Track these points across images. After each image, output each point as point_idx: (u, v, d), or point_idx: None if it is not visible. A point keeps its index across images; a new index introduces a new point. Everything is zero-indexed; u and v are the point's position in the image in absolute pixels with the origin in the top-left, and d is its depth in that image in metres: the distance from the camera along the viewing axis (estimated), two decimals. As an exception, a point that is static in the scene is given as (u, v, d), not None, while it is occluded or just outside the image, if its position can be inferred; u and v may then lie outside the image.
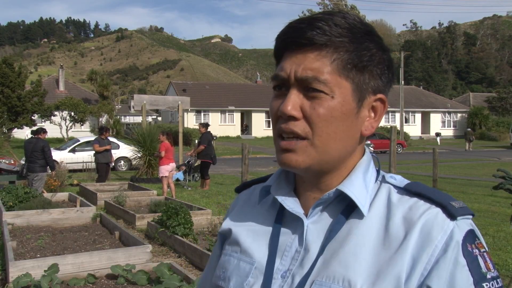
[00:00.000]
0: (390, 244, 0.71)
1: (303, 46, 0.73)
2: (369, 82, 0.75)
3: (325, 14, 0.74)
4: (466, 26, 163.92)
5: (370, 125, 0.77)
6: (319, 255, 0.74)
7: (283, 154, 0.75)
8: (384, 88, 0.78)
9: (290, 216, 0.80)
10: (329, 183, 0.78)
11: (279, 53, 0.78)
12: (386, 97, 0.78)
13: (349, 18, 0.74)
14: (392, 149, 10.17)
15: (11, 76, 27.33)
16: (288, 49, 0.76)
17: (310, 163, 0.74)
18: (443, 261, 0.67)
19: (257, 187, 0.91)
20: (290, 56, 0.75)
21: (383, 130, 31.23)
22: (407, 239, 0.70)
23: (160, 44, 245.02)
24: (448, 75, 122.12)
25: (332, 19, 0.73)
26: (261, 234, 0.81)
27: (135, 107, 44.52)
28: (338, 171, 0.78)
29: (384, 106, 0.78)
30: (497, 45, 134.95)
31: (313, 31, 0.72)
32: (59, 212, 7.43)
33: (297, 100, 0.73)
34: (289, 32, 0.75)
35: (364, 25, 0.75)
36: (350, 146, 0.76)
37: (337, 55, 0.72)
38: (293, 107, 0.72)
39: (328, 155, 0.74)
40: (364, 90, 0.75)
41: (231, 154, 24.70)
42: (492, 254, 5.69)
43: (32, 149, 9.15)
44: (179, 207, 6.26)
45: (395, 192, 0.77)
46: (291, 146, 0.74)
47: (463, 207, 0.72)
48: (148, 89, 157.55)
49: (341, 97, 0.72)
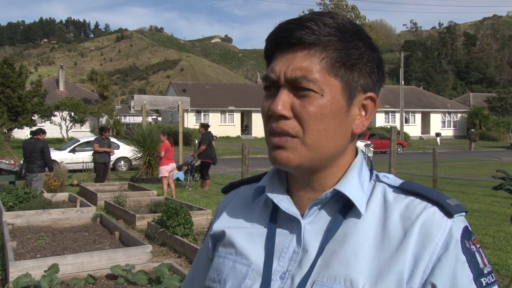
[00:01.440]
0: (389, 242, 0.72)
1: (292, 45, 0.74)
2: (359, 80, 0.76)
3: (314, 15, 0.75)
4: (466, 26, 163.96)
5: (361, 123, 0.78)
6: (318, 255, 0.74)
7: (275, 151, 0.75)
8: (374, 86, 0.78)
9: (285, 216, 0.79)
10: (322, 182, 0.79)
11: (269, 53, 0.79)
12: (376, 96, 0.78)
13: (337, 18, 0.75)
14: (392, 149, 10.17)
15: (12, 76, 27.34)
16: (278, 49, 0.76)
17: (301, 161, 0.75)
18: (445, 258, 0.69)
19: (247, 188, 0.91)
20: (280, 57, 0.75)
21: (383, 130, 31.26)
22: (406, 237, 0.71)
23: (160, 44, 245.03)
24: (448, 75, 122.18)
25: (321, 19, 0.74)
26: (256, 235, 0.81)
27: (135, 107, 44.47)
28: (331, 170, 0.78)
29: (374, 104, 0.78)
30: (497, 45, 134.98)
31: (302, 30, 0.73)
32: (59, 212, 7.43)
33: (287, 99, 0.73)
34: (278, 32, 0.76)
35: (352, 25, 0.76)
36: (342, 144, 0.77)
37: (326, 54, 0.73)
38: (283, 107, 0.73)
39: (319, 152, 0.75)
40: (354, 88, 0.75)
41: (231, 154, 24.70)
42: (492, 254, 5.69)
43: (31, 149, 9.16)
44: (179, 207, 6.26)
45: (390, 191, 0.77)
46: (282, 143, 0.74)
47: (458, 204, 0.74)
48: (148, 89, 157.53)
49: (330, 95, 0.73)
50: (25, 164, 9.32)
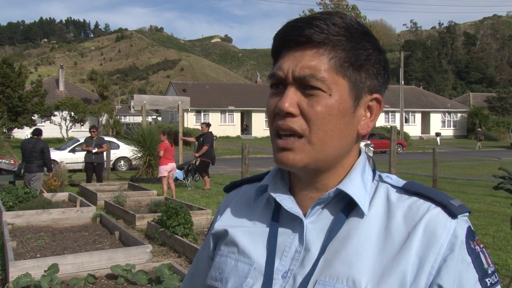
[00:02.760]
0: (393, 242, 0.71)
1: (301, 44, 0.74)
2: (366, 81, 0.76)
3: (323, 14, 0.75)
4: (466, 26, 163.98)
5: (366, 124, 0.78)
6: (320, 254, 0.74)
7: (280, 153, 0.75)
8: (380, 88, 0.78)
9: (287, 215, 0.79)
10: (325, 182, 0.78)
11: (277, 51, 0.79)
12: (382, 97, 0.78)
13: (346, 18, 0.75)
14: (392, 149, 10.17)
15: (12, 76, 27.33)
16: (286, 47, 0.76)
17: (307, 162, 0.74)
18: (451, 259, 0.69)
19: (249, 187, 0.91)
20: (288, 55, 0.75)
21: (383, 130, 31.25)
22: (410, 238, 0.71)
23: (160, 44, 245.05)
24: (448, 75, 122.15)
25: (330, 18, 0.74)
26: (258, 234, 0.81)
27: (135, 107, 44.42)
28: (335, 170, 0.78)
29: (380, 106, 0.78)
30: (497, 45, 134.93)
31: (311, 29, 0.73)
32: (59, 212, 7.43)
33: (295, 97, 0.73)
34: (287, 30, 0.75)
35: (361, 25, 0.76)
36: (347, 145, 0.77)
37: (335, 53, 0.73)
38: (291, 104, 0.73)
39: (325, 153, 0.74)
40: (361, 89, 0.75)
41: (231, 154, 24.69)
42: (492, 254, 5.69)
43: (31, 149, 9.15)
44: (179, 207, 6.26)
45: (393, 192, 0.77)
46: (288, 145, 0.74)
47: (461, 205, 0.74)
48: (148, 89, 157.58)
49: (338, 95, 0.73)
50: (24, 164, 9.32)
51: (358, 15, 67.81)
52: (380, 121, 39.59)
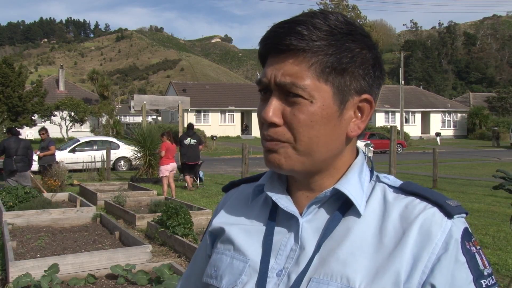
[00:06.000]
0: (388, 241, 0.71)
1: (283, 52, 0.73)
2: (351, 84, 0.74)
3: (306, 16, 0.74)
4: (466, 26, 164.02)
5: (357, 126, 0.77)
6: (315, 253, 0.74)
7: (268, 154, 0.76)
8: (369, 88, 0.76)
9: (283, 214, 0.80)
10: (319, 183, 0.79)
11: (262, 56, 0.79)
12: (372, 97, 0.77)
13: (330, 19, 0.73)
14: (392, 149, 10.17)
15: (12, 76, 27.34)
16: (270, 53, 0.76)
17: (293, 165, 0.75)
18: (445, 259, 0.69)
19: (247, 186, 0.92)
20: (271, 61, 0.75)
21: (383, 130, 31.26)
22: (405, 237, 0.71)
23: (160, 44, 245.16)
24: (448, 75, 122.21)
25: (312, 21, 0.72)
26: (254, 232, 0.81)
27: (135, 107, 44.42)
28: (327, 172, 0.78)
29: (371, 106, 0.77)
30: (497, 45, 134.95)
31: (291, 36, 0.71)
32: (59, 212, 7.43)
33: (278, 106, 0.73)
34: (269, 37, 0.75)
35: (347, 24, 0.74)
36: (336, 148, 0.76)
37: (315, 59, 0.72)
38: (274, 114, 0.73)
39: (311, 158, 0.75)
40: (346, 92, 0.74)
41: (231, 154, 24.70)
42: (492, 254, 5.69)
43: (20, 147, 9.10)
44: (179, 207, 6.26)
45: (390, 192, 0.78)
46: (273, 147, 0.75)
47: (458, 205, 0.74)
48: (148, 89, 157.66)
49: (320, 101, 0.72)
50: (15, 163, 9.21)
51: (358, 15, 67.78)
52: (380, 121, 39.61)
